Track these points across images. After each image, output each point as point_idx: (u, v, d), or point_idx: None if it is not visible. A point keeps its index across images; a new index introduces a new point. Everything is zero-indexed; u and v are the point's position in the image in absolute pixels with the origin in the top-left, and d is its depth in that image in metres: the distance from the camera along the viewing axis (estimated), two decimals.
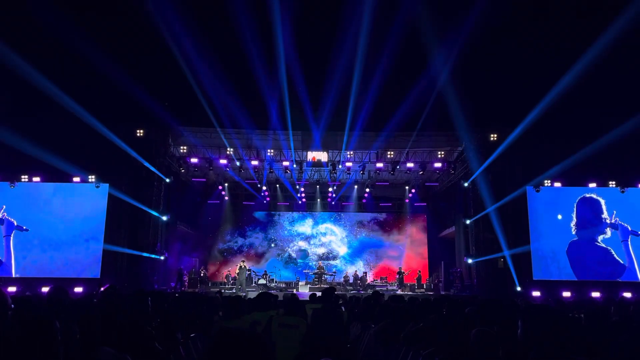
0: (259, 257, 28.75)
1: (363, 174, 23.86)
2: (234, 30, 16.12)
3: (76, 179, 20.72)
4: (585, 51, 15.84)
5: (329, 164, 22.65)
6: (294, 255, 29.08)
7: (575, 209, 20.97)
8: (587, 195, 21.05)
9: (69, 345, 2.98)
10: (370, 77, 17.86)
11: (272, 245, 29.03)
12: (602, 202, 20.97)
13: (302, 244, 29.15)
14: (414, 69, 18.21)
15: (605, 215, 20.85)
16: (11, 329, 2.79)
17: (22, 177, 20.54)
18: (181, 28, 16.12)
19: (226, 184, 26.77)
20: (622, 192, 21.20)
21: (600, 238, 20.69)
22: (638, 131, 16.75)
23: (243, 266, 22.63)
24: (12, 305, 2.92)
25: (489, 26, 15.57)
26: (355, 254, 29.02)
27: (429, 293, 21.88)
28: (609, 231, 20.69)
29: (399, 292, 22.12)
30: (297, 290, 22.82)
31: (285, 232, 29.34)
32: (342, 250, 29.10)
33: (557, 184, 21.47)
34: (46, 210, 20.59)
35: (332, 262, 28.62)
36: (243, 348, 1.20)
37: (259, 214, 29.22)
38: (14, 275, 19.73)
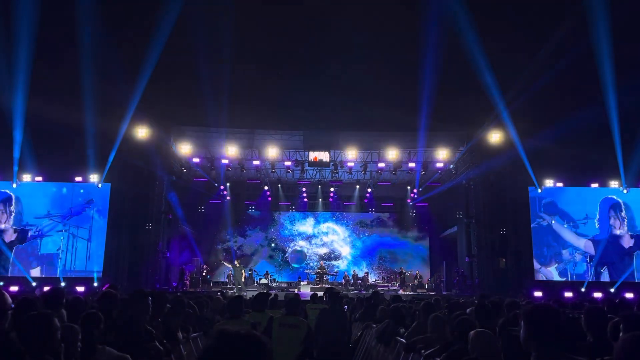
0: (258, 257, 28.56)
1: (365, 173, 23.82)
2: (237, 29, 16.14)
3: (78, 179, 20.75)
4: (589, 50, 15.82)
5: (331, 163, 22.62)
6: (289, 257, 28.91)
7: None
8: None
9: (70, 344, 2.98)
10: (373, 77, 17.86)
11: (272, 244, 28.95)
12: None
13: (303, 244, 29.05)
14: (417, 68, 18.20)
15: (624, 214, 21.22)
16: (11, 328, 2.79)
17: (25, 176, 20.57)
18: (185, 28, 16.14)
19: (228, 184, 26.77)
20: (625, 192, 21.18)
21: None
22: None
23: (238, 266, 22.61)
24: (12, 305, 2.92)
25: (492, 24, 15.54)
26: (357, 253, 28.97)
27: (431, 293, 21.83)
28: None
29: (401, 292, 22.06)
30: (299, 290, 22.79)
31: (286, 231, 29.28)
32: (344, 250, 29.05)
33: (559, 184, 21.44)
34: (49, 210, 20.62)
35: (334, 262, 28.56)
36: (241, 351, 1.19)
37: (260, 214, 29.15)
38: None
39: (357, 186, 26.52)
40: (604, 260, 20.81)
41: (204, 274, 24.96)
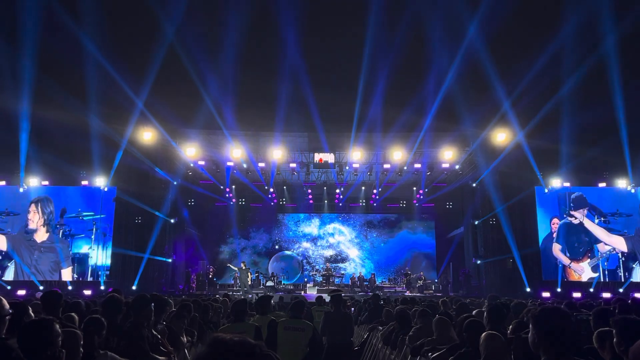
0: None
1: (370, 175, 23.75)
2: (241, 32, 16.12)
3: (84, 182, 20.82)
4: (595, 49, 15.69)
5: (336, 165, 22.58)
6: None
7: None
8: None
9: (71, 350, 2.95)
10: (377, 77, 17.79)
11: (277, 247, 28.87)
12: None
13: (308, 245, 28.93)
14: (421, 69, 18.13)
15: None
16: (10, 333, 2.76)
17: (31, 180, 20.66)
18: (189, 31, 16.15)
19: (233, 186, 26.78)
20: (633, 191, 20.98)
21: None
22: None
23: (244, 268, 22.61)
24: (10, 310, 2.89)
25: (496, 24, 15.45)
26: (363, 255, 28.89)
27: (438, 294, 21.72)
28: None
29: (407, 293, 21.97)
30: (305, 292, 22.75)
31: (290, 232, 29.17)
32: (351, 252, 28.96)
33: (566, 184, 21.28)
34: (55, 213, 20.70)
35: (340, 264, 28.45)
36: (235, 359, 1.14)
37: (266, 216, 29.09)
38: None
39: (363, 187, 26.45)
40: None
41: (210, 276, 24.96)
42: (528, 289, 19.55)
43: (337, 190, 27.05)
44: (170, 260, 22.02)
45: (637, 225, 20.67)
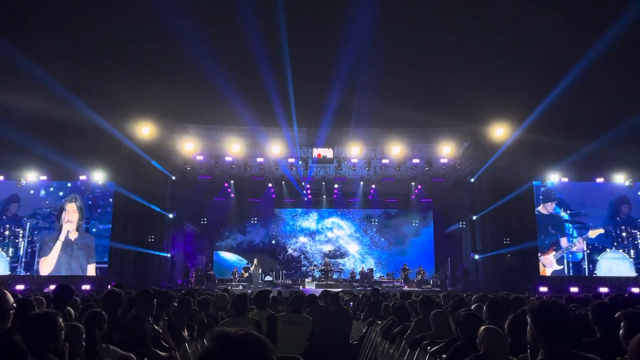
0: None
1: (369, 170, 23.76)
2: (240, 27, 16.09)
3: (82, 177, 20.80)
4: (593, 44, 15.70)
5: (335, 160, 22.58)
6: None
7: None
8: None
9: (74, 344, 2.97)
10: (376, 73, 17.79)
11: (273, 242, 28.85)
12: None
13: (305, 240, 28.91)
14: (419, 64, 18.13)
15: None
16: (15, 330, 2.78)
17: (29, 175, 20.63)
18: (188, 26, 16.11)
19: (232, 181, 26.75)
20: (631, 186, 21.03)
21: None
22: None
23: (257, 264, 22.76)
24: (14, 305, 2.91)
25: (495, 21, 15.46)
26: (363, 250, 28.93)
27: (436, 289, 21.80)
28: None
29: (406, 288, 22.05)
30: (304, 287, 22.80)
31: (288, 227, 29.13)
32: (350, 247, 28.98)
33: (565, 179, 21.32)
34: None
35: (339, 259, 28.48)
36: (241, 352, 1.16)
37: (264, 210, 29.06)
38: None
39: (361, 182, 26.45)
40: (601, 250, 20.76)
41: (209, 271, 24.98)
42: (526, 284, 19.60)
43: (336, 186, 27.06)
44: (168, 255, 22.03)
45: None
